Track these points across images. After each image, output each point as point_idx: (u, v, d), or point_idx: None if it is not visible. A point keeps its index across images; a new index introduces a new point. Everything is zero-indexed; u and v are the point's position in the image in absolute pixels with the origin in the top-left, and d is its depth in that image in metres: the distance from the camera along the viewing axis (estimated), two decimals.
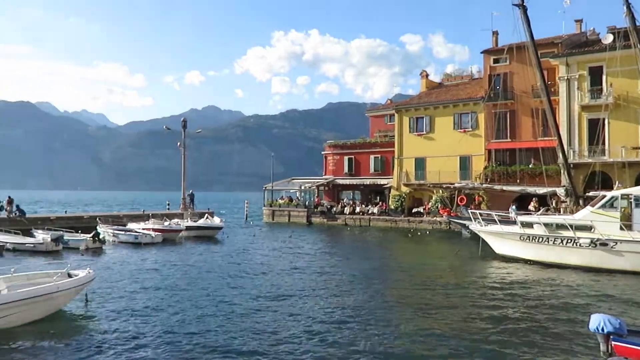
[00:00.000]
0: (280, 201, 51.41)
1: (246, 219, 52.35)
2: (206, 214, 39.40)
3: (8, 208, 33.54)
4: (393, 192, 45.04)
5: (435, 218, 40.10)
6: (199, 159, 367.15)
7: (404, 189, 44.47)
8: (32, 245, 25.99)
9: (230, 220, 48.19)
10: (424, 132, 44.10)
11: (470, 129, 41.46)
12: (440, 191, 40.31)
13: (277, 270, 20.39)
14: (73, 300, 13.37)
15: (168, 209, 47.76)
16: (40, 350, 10.15)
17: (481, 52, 41.58)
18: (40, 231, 29.04)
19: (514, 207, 31.41)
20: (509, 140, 39.31)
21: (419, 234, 37.35)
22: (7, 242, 26.11)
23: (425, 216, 41.45)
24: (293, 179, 55.27)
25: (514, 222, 23.47)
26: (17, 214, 33.37)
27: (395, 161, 45.55)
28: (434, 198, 41.30)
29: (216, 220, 36.84)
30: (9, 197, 35.01)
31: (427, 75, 49.89)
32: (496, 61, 40.33)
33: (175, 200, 51.67)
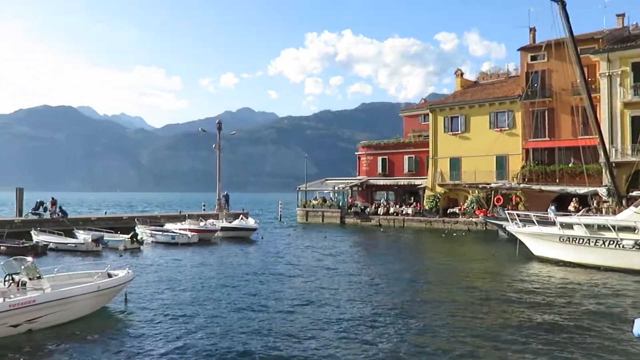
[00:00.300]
0: (314, 202, 51.53)
1: (280, 219, 52.71)
2: (241, 215, 39.84)
3: (52, 209, 34.65)
4: (428, 192, 44.53)
5: (471, 219, 39.46)
6: (234, 161, 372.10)
7: (439, 189, 43.90)
8: (73, 245, 26.83)
9: (264, 221, 48.62)
10: (459, 132, 43.44)
11: (507, 128, 40.61)
12: (476, 191, 39.65)
13: (311, 270, 20.43)
14: (113, 299, 13.72)
15: (204, 209, 48.50)
16: (81, 348, 10.45)
17: (518, 50, 40.67)
18: (81, 232, 29.93)
19: (553, 207, 30.58)
20: (547, 139, 38.31)
21: (454, 234, 36.81)
22: (51, 242, 27.06)
23: (460, 217, 40.84)
24: (326, 180, 55.31)
25: (553, 223, 22.87)
26: (60, 214, 34.47)
27: (430, 161, 45.04)
28: (469, 198, 40.65)
29: (251, 221, 37.21)
30: (53, 198, 36.19)
31: (462, 74, 49.17)
32: (534, 58, 39.39)
33: (210, 201, 52.52)
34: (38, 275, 12.02)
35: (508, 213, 25.93)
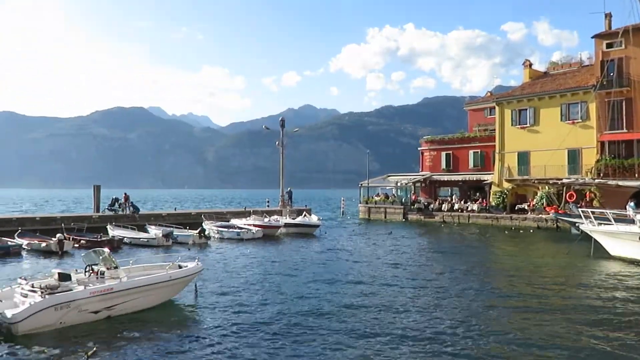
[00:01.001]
0: (376, 198, 51.26)
1: (342, 215, 52.84)
2: (304, 212, 40.29)
3: (125, 203, 36.35)
4: (494, 188, 43.18)
5: (540, 215, 37.92)
6: (296, 157, 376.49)
7: (506, 184, 42.45)
8: (146, 240, 28.15)
9: (327, 217, 48.91)
10: (528, 125, 41.77)
11: (580, 120, 38.62)
12: (546, 187, 37.98)
13: (376, 267, 20.36)
14: (183, 290, 14.29)
15: (267, 206, 49.49)
16: (154, 334, 10.97)
17: (592, 37, 38.53)
18: (153, 227, 31.32)
19: (632, 204, 28.74)
20: (625, 130, 36.07)
21: (520, 231, 35.56)
22: (125, 237, 28.54)
23: (529, 213, 39.32)
24: (389, 176, 54.89)
25: (632, 221, 21.55)
26: (132, 210, 36.11)
27: (496, 156, 43.62)
28: (539, 194, 39.03)
29: (314, 218, 37.55)
30: (125, 193, 38.00)
31: (530, 65, 47.17)
32: (609, 46, 37.19)
33: (274, 197, 53.45)
34: (115, 265, 12.76)
35: (582, 210, 24.68)
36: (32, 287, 11.31)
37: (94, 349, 8.54)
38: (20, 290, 11.47)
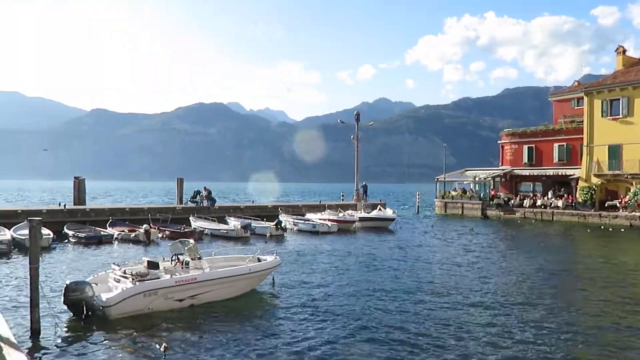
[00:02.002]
0: (453, 193, 50.03)
1: (418, 210, 52.05)
2: (379, 206, 40.08)
3: (205, 193, 37.23)
4: (581, 183, 40.75)
5: (634, 213, 35.38)
6: (370, 151, 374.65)
7: (595, 180, 39.92)
8: (225, 231, 29.20)
9: (401, 212, 48.38)
10: (620, 116, 39.01)
11: None
12: None
13: (453, 266, 19.89)
14: (262, 282, 14.70)
15: (342, 199, 49.67)
16: (233, 324, 11.38)
17: None
18: (232, 219, 32.42)
19: None
20: None
21: (610, 229, 33.41)
22: (206, 228, 29.77)
23: (621, 211, 36.79)
24: (466, 170, 53.37)
25: None
26: (209, 202, 36.93)
27: (584, 149, 41.11)
28: (632, 190, 36.44)
29: (389, 212, 37.29)
30: (205, 187, 38.95)
31: (624, 51, 43.88)
32: None
33: (348, 191, 53.58)
34: (199, 256, 13.38)
35: None
36: (124, 273, 12.12)
37: (165, 345, 9.04)
38: (113, 276, 12.35)
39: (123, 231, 27.17)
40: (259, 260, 14.65)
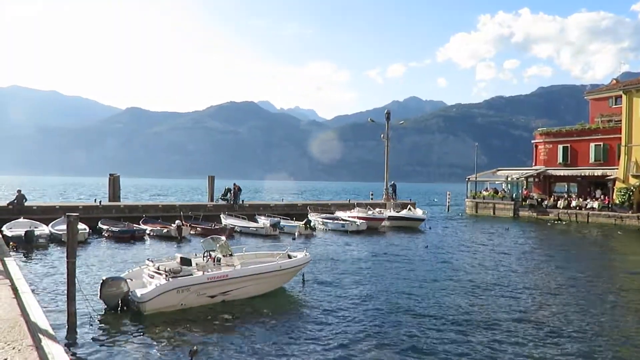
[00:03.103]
0: (485, 193, 49.24)
1: (448, 210, 51.46)
2: (408, 205, 39.77)
3: (235, 189, 36.86)
4: (618, 184, 39.55)
5: None
6: (400, 150, 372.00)
7: (633, 181, 38.68)
8: (254, 229, 29.43)
9: (432, 211, 47.91)
10: None
11: None
12: None
13: (484, 268, 19.56)
14: (292, 279, 14.77)
15: (371, 198, 49.48)
16: (264, 321, 11.47)
17: None
18: (262, 217, 32.67)
19: None
20: None
21: None
22: (236, 226, 30.08)
23: None
24: (498, 170, 52.46)
25: None
26: (232, 200, 36.56)
27: (622, 149, 39.86)
28: None
29: (419, 212, 36.96)
30: (235, 184, 38.54)
31: None
32: None
33: (378, 190, 53.32)
34: (230, 253, 13.54)
35: None
36: (158, 269, 12.36)
37: (195, 348, 9.09)
38: (147, 271, 12.61)
39: (155, 227, 27.70)
40: (290, 257, 14.73)
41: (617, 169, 40.27)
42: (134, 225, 27.84)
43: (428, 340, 10.22)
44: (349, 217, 33.44)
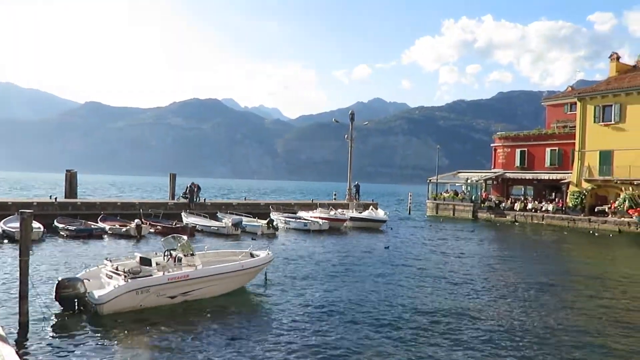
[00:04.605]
0: (445, 194, 50.24)
1: (409, 211, 52.22)
2: (370, 206, 40.15)
3: (192, 187, 36.07)
4: (572, 188, 41.07)
5: (622, 219, 35.71)
6: (364, 151, 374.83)
7: (585, 185, 40.27)
8: (216, 228, 29.15)
9: (393, 212, 48.52)
10: (612, 122, 39.31)
11: None
12: (630, 188, 35.73)
13: (441, 268, 20.00)
14: (254, 279, 14.72)
15: (334, 199, 49.72)
16: (224, 321, 11.42)
17: None
18: (224, 216, 32.36)
19: None
20: None
21: (595, 234, 33.82)
22: (197, 224, 29.71)
23: (610, 216, 37.12)
24: (459, 172, 53.59)
25: None
26: (191, 198, 35.81)
27: (576, 154, 41.42)
28: (622, 196, 36.77)
29: (380, 213, 37.36)
30: (193, 183, 37.68)
31: (618, 58, 44.18)
32: None
33: (341, 190, 53.65)
34: (191, 252, 13.37)
35: None
36: (116, 269, 12.11)
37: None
38: (105, 271, 12.33)
39: (114, 225, 27.08)
40: (252, 256, 14.67)
41: (571, 173, 41.79)
42: (92, 223, 27.15)
43: (385, 342, 10.38)
44: (311, 217, 33.53)
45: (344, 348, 9.83)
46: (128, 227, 26.26)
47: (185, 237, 13.98)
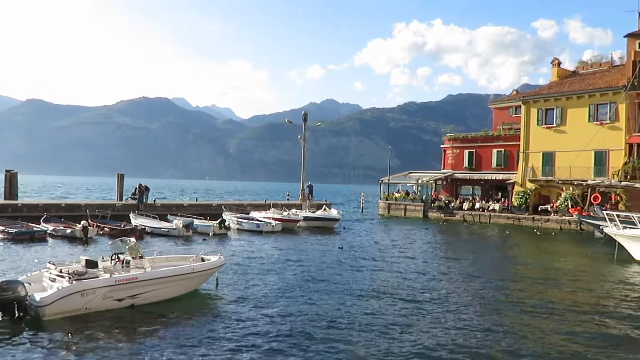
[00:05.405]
0: (397, 195, 51.09)
1: (362, 211, 52.79)
2: (324, 206, 40.35)
3: (140, 189, 35.24)
4: (517, 188, 42.67)
5: (563, 217, 37.39)
6: (317, 152, 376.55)
7: (529, 185, 41.91)
8: (166, 229, 28.47)
9: (346, 212, 48.93)
10: (554, 125, 41.10)
11: (608, 121, 37.81)
12: (571, 188, 37.44)
13: (394, 264, 20.37)
14: (205, 282, 14.48)
15: (288, 199, 49.67)
16: (175, 324, 11.21)
17: (625, 36, 37.70)
18: (175, 217, 31.69)
19: None
20: None
21: (538, 233, 35.28)
22: (147, 226, 28.96)
23: (552, 215, 38.79)
24: (410, 173, 54.63)
25: None
26: (135, 198, 34.90)
27: (520, 155, 43.07)
28: (563, 196, 38.49)
29: (333, 212, 37.60)
30: (141, 184, 36.89)
31: (559, 64, 46.28)
32: None
33: (294, 191, 53.61)
34: (140, 255, 12.99)
35: (606, 213, 24.24)
36: (60, 272, 11.62)
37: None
38: (48, 275, 11.81)
39: (58, 227, 26.03)
40: (203, 260, 14.42)
41: (516, 174, 43.39)
42: (34, 225, 25.99)
43: (337, 337, 10.44)
44: (264, 217, 33.35)
45: (296, 349, 9.82)
46: (74, 229, 25.29)
47: (133, 240, 13.57)
